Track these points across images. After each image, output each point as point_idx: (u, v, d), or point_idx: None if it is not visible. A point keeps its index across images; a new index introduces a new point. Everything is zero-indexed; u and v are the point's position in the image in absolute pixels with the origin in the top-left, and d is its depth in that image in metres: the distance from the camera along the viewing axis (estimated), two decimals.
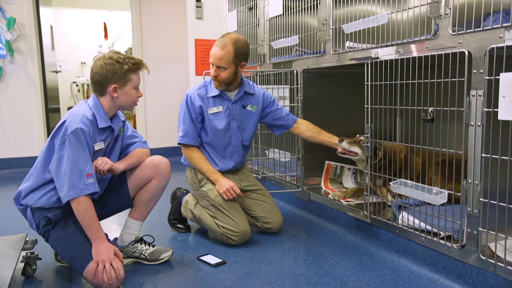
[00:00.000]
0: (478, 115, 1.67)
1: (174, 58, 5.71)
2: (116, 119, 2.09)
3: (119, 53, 2.00)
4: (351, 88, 3.14)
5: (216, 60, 2.40)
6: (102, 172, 1.97)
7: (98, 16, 8.73)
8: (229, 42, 2.39)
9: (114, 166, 2.01)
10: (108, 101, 1.99)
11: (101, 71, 1.94)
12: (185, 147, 2.55)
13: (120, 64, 1.95)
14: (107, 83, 1.95)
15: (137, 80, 2.02)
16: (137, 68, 2.00)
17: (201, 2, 4.27)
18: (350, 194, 2.75)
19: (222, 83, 2.46)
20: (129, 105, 2.05)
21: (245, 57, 2.47)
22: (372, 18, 2.16)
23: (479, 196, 1.69)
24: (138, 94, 2.06)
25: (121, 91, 1.98)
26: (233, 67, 2.42)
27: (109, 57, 1.96)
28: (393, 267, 2.10)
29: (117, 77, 1.95)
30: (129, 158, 2.12)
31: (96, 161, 1.96)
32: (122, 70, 1.95)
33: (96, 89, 1.99)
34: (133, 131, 2.24)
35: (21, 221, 2.94)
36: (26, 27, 4.98)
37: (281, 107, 2.73)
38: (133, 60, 1.99)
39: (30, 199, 1.96)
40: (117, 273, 1.84)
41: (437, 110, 1.91)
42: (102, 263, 1.83)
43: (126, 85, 1.98)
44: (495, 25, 1.59)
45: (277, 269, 2.09)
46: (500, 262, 1.64)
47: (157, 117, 5.68)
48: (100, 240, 1.88)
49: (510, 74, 1.51)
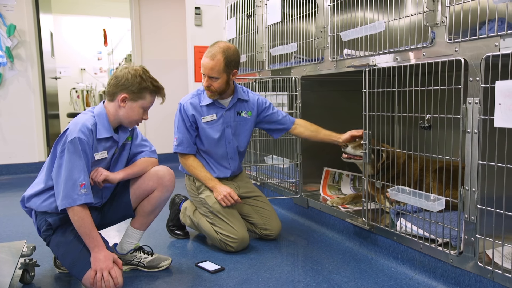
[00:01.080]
0: (474, 123, 1.68)
1: (174, 65, 5.73)
2: (123, 128, 2.07)
3: (146, 71, 2.00)
4: (349, 95, 3.16)
5: (207, 71, 2.40)
6: (97, 183, 1.97)
7: (98, 22, 8.78)
8: (218, 51, 2.38)
9: (110, 177, 1.99)
10: (114, 109, 1.98)
11: (122, 76, 1.94)
12: (181, 156, 2.56)
13: (142, 79, 1.95)
14: (121, 90, 1.94)
15: (149, 102, 2.01)
16: (155, 91, 2.00)
17: (200, 9, 4.30)
18: (349, 200, 2.75)
19: (215, 93, 2.46)
20: (129, 121, 2.01)
21: (236, 64, 2.46)
22: (370, 26, 2.18)
23: (476, 203, 1.70)
24: (144, 116, 2.03)
25: (129, 104, 1.96)
26: (225, 76, 2.41)
27: (136, 69, 1.97)
28: (391, 274, 2.10)
29: (133, 89, 1.94)
30: (131, 167, 2.10)
31: (92, 172, 1.96)
32: (141, 85, 1.94)
33: (109, 91, 1.98)
34: (142, 139, 2.21)
35: (20, 228, 2.95)
36: (26, 34, 5.00)
37: (277, 110, 2.72)
38: (156, 83, 2.00)
39: (33, 203, 1.97)
40: (115, 281, 1.84)
41: (434, 117, 1.93)
42: (100, 271, 1.83)
43: (137, 100, 1.97)
44: (490, 34, 1.60)
45: (275, 276, 2.09)
46: (498, 269, 1.64)
47: (156, 123, 5.68)
48: (98, 248, 1.87)
49: (505, 82, 1.52)
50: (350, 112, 2.99)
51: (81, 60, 8.80)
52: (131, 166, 2.11)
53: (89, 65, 8.90)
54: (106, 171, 1.99)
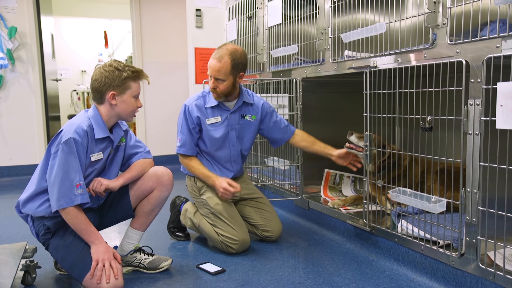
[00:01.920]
0: (476, 124, 1.68)
1: (174, 67, 5.73)
2: (117, 129, 2.08)
3: (119, 62, 2.00)
4: (350, 96, 3.16)
5: (214, 72, 2.39)
6: (99, 194, 1.98)
7: (98, 24, 8.78)
8: (225, 53, 2.38)
9: (110, 185, 2.00)
10: (106, 110, 1.99)
11: (100, 77, 1.94)
12: (183, 157, 2.56)
13: (119, 71, 1.95)
14: (105, 90, 1.95)
15: (136, 89, 2.01)
16: (136, 76, 1.99)
17: (201, 11, 4.30)
18: (350, 202, 2.75)
19: (221, 95, 2.45)
20: (127, 114, 2.03)
21: (243, 67, 2.45)
22: (371, 27, 2.18)
23: (478, 205, 1.70)
24: (138, 104, 2.04)
25: (119, 99, 1.97)
26: (231, 78, 2.41)
27: (109, 64, 1.97)
28: (392, 276, 2.10)
29: (116, 84, 1.94)
30: (129, 171, 2.11)
31: (91, 184, 1.97)
32: (121, 77, 1.94)
33: (95, 96, 1.99)
34: (136, 140, 2.22)
35: (21, 230, 2.94)
36: (27, 36, 5.01)
37: (281, 118, 2.71)
38: (133, 69, 1.99)
39: (29, 208, 1.96)
40: (115, 272, 1.84)
41: (435, 119, 1.92)
42: (102, 262, 1.84)
43: (124, 92, 1.97)
44: (492, 35, 1.60)
45: (276, 278, 2.09)
46: (499, 271, 1.64)
47: (157, 125, 5.69)
48: (98, 241, 1.89)
49: (507, 84, 1.52)
50: (351, 113, 2.99)
51: (82, 62, 8.80)
52: (129, 170, 2.12)
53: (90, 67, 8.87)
54: (106, 180, 2.00)
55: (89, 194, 1.96)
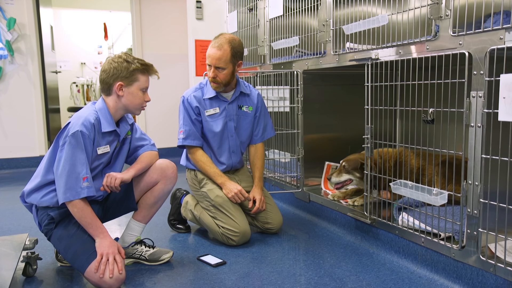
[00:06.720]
0: (478, 116, 1.67)
1: (174, 59, 5.71)
2: (123, 122, 2.08)
3: (129, 54, 2.01)
4: (351, 89, 3.15)
5: (214, 61, 2.40)
6: (115, 188, 1.99)
7: (98, 16, 8.73)
8: (225, 42, 2.40)
9: (124, 178, 2.01)
10: (114, 101, 1.99)
11: (109, 68, 1.95)
12: (189, 149, 2.55)
13: (128, 63, 1.95)
14: (113, 81, 1.95)
15: (144, 82, 2.01)
16: (145, 69, 2.00)
17: (202, 3, 4.27)
18: (350, 194, 2.75)
19: (220, 84, 2.46)
20: (134, 107, 2.02)
21: (241, 55, 2.49)
22: (373, 19, 2.17)
23: (479, 197, 1.70)
24: (146, 98, 2.04)
25: (127, 90, 1.97)
26: (231, 66, 2.43)
27: (119, 56, 1.98)
28: (393, 268, 2.10)
29: (123, 75, 1.94)
30: (138, 163, 2.12)
31: (104, 180, 1.98)
32: (130, 69, 1.95)
33: (103, 87, 1.99)
34: (141, 133, 2.23)
35: (21, 221, 2.95)
36: (26, 28, 4.98)
37: (267, 124, 2.71)
38: (142, 62, 2.00)
39: (33, 198, 1.97)
40: (119, 266, 1.85)
41: (437, 111, 1.92)
42: (106, 256, 1.84)
43: (132, 84, 1.97)
44: (495, 27, 1.59)
45: (277, 270, 2.09)
46: (500, 263, 1.64)
47: (157, 117, 5.68)
48: (103, 235, 1.90)
49: (510, 76, 1.51)
50: (352, 106, 2.98)
51: (81, 54, 8.76)
52: (138, 161, 2.13)
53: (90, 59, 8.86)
54: (119, 174, 2.01)
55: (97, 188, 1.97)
